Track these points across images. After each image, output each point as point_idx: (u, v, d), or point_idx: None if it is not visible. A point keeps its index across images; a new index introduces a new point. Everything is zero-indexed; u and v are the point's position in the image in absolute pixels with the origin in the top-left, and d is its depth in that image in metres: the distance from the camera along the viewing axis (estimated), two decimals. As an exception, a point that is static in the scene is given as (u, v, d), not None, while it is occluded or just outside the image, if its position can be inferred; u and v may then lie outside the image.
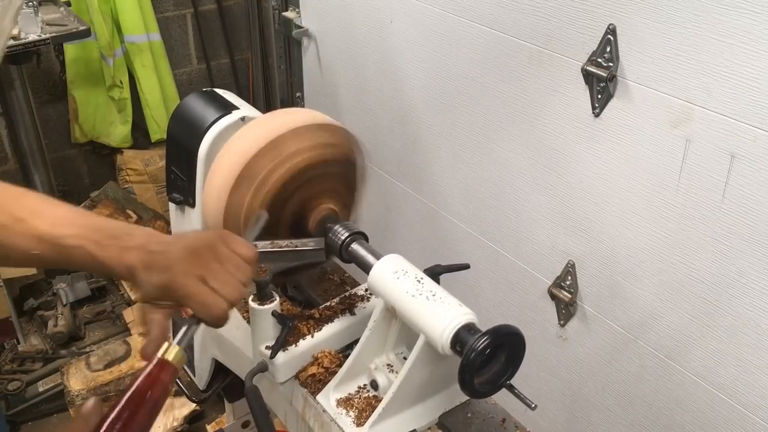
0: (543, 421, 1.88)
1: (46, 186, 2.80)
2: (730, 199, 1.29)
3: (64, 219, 0.92)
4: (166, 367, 0.82)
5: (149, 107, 3.03)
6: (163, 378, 0.81)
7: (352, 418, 1.08)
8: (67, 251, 0.90)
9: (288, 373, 1.16)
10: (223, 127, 1.24)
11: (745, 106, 1.21)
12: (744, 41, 1.18)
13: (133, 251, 0.89)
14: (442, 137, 1.92)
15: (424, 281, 1.03)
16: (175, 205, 1.36)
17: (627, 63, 1.38)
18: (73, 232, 0.90)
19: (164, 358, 0.83)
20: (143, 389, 0.79)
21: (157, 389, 0.80)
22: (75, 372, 2.46)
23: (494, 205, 1.82)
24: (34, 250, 0.90)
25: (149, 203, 3.08)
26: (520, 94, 1.63)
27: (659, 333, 1.50)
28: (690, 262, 1.40)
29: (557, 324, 1.75)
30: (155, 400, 0.79)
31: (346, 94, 2.26)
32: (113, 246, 0.89)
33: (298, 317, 1.21)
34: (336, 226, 1.16)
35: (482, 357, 0.92)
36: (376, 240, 1.16)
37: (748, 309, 1.33)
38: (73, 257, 0.91)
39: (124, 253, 0.89)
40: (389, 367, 1.12)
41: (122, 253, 0.89)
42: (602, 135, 1.47)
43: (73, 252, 0.90)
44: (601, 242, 1.56)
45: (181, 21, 3.13)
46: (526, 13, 1.55)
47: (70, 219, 0.92)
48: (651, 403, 1.58)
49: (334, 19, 2.20)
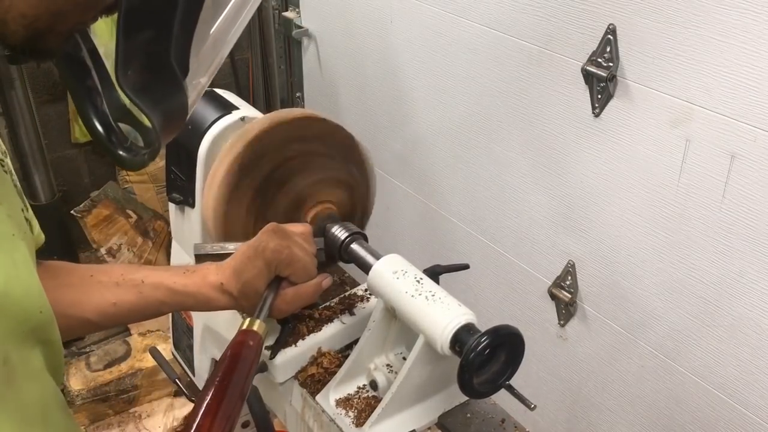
0: (543, 421, 1.88)
1: (46, 186, 2.80)
2: (730, 199, 1.29)
3: (139, 268, 1.00)
4: (250, 334, 0.91)
5: (149, 107, 3.03)
6: (250, 342, 0.90)
7: (352, 419, 1.08)
8: (147, 291, 0.97)
9: (287, 374, 1.16)
10: (223, 127, 1.24)
11: (745, 106, 1.21)
12: (744, 41, 1.18)
13: (211, 273, 1.00)
14: (442, 137, 1.92)
15: (424, 281, 1.03)
16: (175, 205, 1.36)
17: (627, 63, 1.38)
18: (149, 273, 0.99)
19: (248, 329, 0.91)
20: (236, 354, 0.87)
21: (247, 352, 0.88)
22: (75, 372, 2.46)
23: (494, 205, 1.82)
24: (111, 300, 0.97)
25: (149, 203, 3.08)
26: (520, 94, 1.63)
27: (659, 333, 1.50)
28: (690, 262, 1.39)
29: (557, 324, 1.75)
30: (250, 362, 0.87)
31: (346, 94, 2.26)
32: (190, 275, 1.00)
33: (297, 317, 1.21)
34: (335, 226, 1.16)
35: (481, 357, 0.92)
36: (375, 240, 1.16)
37: (748, 309, 1.33)
38: (153, 298, 0.98)
39: (206, 277, 1.00)
40: (389, 367, 1.12)
41: (205, 278, 1.00)
42: (602, 135, 1.47)
43: (152, 292, 0.98)
44: (601, 242, 1.56)
45: (181, 21, 3.12)
46: (526, 13, 1.54)
47: (145, 267, 1.01)
48: (651, 403, 1.58)
49: (334, 19, 2.20)
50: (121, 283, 0.97)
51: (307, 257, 1.04)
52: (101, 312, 0.96)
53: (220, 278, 1.00)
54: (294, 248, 1.02)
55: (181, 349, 1.49)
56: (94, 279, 0.97)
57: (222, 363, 0.86)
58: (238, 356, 0.87)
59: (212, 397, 0.80)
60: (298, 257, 1.02)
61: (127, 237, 2.87)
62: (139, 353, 2.53)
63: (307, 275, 1.04)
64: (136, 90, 0.66)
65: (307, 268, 1.04)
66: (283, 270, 1.02)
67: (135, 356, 2.53)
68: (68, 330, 0.92)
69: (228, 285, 1.00)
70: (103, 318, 0.97)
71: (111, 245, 2.83)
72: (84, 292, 0.95)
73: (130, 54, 0.65)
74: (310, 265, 1.04)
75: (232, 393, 0.82)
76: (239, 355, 0.87)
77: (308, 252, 1.05)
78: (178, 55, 0.69)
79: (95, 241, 2.81)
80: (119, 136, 0.72)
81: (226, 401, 0.80)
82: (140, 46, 0.65)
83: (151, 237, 2.94)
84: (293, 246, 1.02)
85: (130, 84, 0.66)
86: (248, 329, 0.91)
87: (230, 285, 1.00)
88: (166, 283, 0.98)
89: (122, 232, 2.87)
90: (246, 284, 1.00)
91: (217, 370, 0.85)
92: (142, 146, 0.75)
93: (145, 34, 0.65)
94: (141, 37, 0.65)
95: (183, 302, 1.01)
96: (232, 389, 0.82)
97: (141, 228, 2.93)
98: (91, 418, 2.44)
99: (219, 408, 0.80)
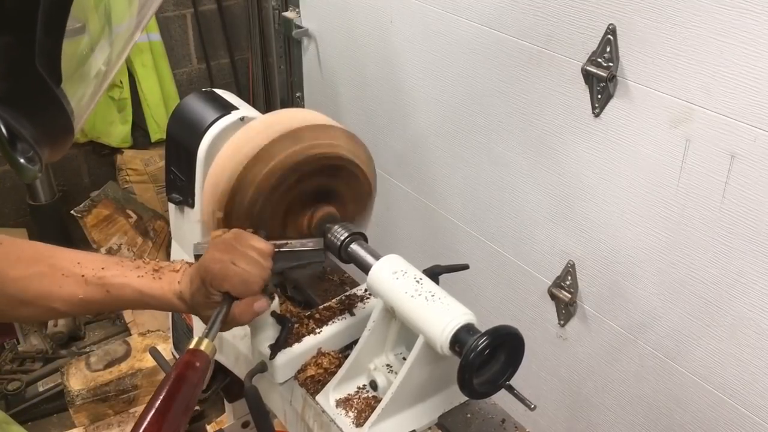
0: (543, 421, 1.88)
1: (46, 186, 2.80)
2: (730, 199, 1.29)
3: (105, 262, 1.00)
4: (197, 354, 0.89)
5: (149, 107, 3.03)
6: (197, 364, 0.88)
7: (352, 419, 1.08)
8: (114, 290, 0.98)
9: (287, 374, 1.16)
10: (222, 127, 1.24)
11: (745, 106, 1.21)
12: (744, 41, 1.18)
13: (175, 279, 0.99)
14: (442, 137, 1.92)
15: (424, 281, 1.03)
16: (174, 205, 1.36)
17: (627, 63, 1.38)
18: (118, 272, 0.98)
19: (195, 348, 0.89)
20: (180, 376, 0.86)
21: (192, 374, 0.86)
22: (75, 372, 2.46)
23: (494, 205, 1.82)
24: (80, 295, 0.97)
25: (149, 203, 3.08)
26: (520, 94, 1.63)
27: (659, 333, 1.50)
28: (690, 262, 1.39)
29: (557, 324, 1.75)
30: (194, 384, 0.86)
31: (346, 94, 2.26)
32: (158, 280, 1.00)
33: (297, 317, 1.21)
34: (335, 226, 1.16)
35: (481, 357, 0.92)
36: (375, 240, 1.16)
37: (748, 309, 1.33)
38: (120, 297, 0.98)
39: (171, 283, 0.99)
40: (388, 367, 1.12)
41: (170, 284, 0.99)
42: (602, 135, 1.47)
43: (120, 291, 0.98)
44: (601, 242, 1.56)
45: (181, 21, 3.12)
46: (526, 13, 1.54)
47: (112, 262, 1.00)
48: (651, 403, 1.58)
49: (334, 19, 2.20)
50: (89, 280, 0.97)
51: (251, 271, 0.98)
52: (68, 303, 0.97)
53: (180, 287, 1.00)
54: (236, 261, 0.97)
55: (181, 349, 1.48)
56: (62, 270, 0.97)
57: (165, 384, 0.84)
58: (183, 378, 0.85)
59: (152, 420, 0.79)
60: (234, 272, 0.96)
61: (127, 237, 2.87)
62: (139, 353, 2.53)
63: (246, 290, 0.98)
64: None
65: (247, 283, 0.97)
66: (219, 284, 0.97)
67: (135, 356, 2.52)
68: (35, 317, 0.95)
69: (184, 294, 1.00)
70: (70, 308, 0.98)
71: (111, 245, 2.83)
72: (53, 283, 0.96)
73: None
74: (251, 280, 0.98)
75: (174, 417, 0.81)
76: (184, 377, 0.85)
77: (256, 266, 0.98)
78: (46, 61, 0.64)
79: (95, 241, 2.81)
80: (24, 146, 0.68)
81: (166, 426, 0.79)
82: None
83: (151, 237, 2.94)
84: (236, 259, 0.97)
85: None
86: (195, 349, 0.89)
87: (186, 294, 1.00)
88: (134, 285, 0.99)
89: (122, 232, 2.87)
90: (192, 296, 0.99)
91: (160, 391, 0.82)
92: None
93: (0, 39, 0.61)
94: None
95: (149, 303, 1.01)
96: (173, 413, 0.81)
97: (141, 228, 2.93)
98: (91, 418, 2.44)
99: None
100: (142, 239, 2.90)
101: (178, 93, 3.10)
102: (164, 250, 2.95)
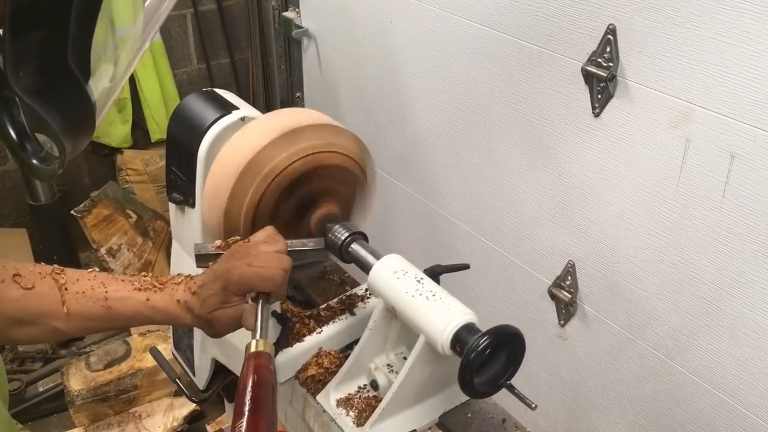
0: (543, 421, 1.88)
1: (46, 186, 2.80)
2: (730, 199, 1.29)
3: (106, 279, 0.99)
4: (261, 356, 0.90)
5: (149, 107, 3.03)
6: (263, 363, 0.88)
7: (352, 418, 1.08)
8: (116, 305, 0.97)
9: (288, 374, 1.17)
10: (223, 127, 1.24)
11: (745, 106, 1.21)
12: (744, 41, 1.18)
13: (179, 290, 1.00)
14: (442, 137, 1.92)
15: (424, 281, 1.03)
16: (175, 205, 1.36)
17: (627, 63, 1.38)
18: (118, 287, 0.98)
19: (255, 352, 0.90)
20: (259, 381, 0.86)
21: (267, 375, 0.87)
22: (75, 372, 2.46)
23: (494, 205, 1.82)
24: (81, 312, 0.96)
25: (149, 203, 3.08)
26: (520, 94, 1.63)
27: (659, 333, 1.50)
28: (690, 262, 1.39)
29: (557, 324, 1.75)
30: (271, 384, 0.86)
31: (346, 94, 2.26)
32: (159, 291, 1.00)
33: (297, 317, 1.21)
34: (336, 226, 1.16)
35: (482, 357, 0.92)
36: (376, 240, 1.16)
37: (748, 309, 1.33)
38: (122, 311, 0.98)
39: (173, 295, 0.99)
40: (389, 367, 1.12)
41: (172, 296, 0.99)
42: (602, 135, 1.47)
43: (121, 306, 0.97)
44: (601, 242, 1.56)
45: (181, 21, 3.13)
46: (526, 13, 1.55)
47: (112, 279, 1.00)
48: (651, 403, 1.58)
49: (334, 19, 2.20)
50: (90, 297, 0.96)
51: (268, 266, 0.99)
52: (70, 322, 0.96)
53: (185, 297, 0.99)
54: (252, 263, 0.98)
55: (182, 349, 1.49)
56: (63, 290, 0.96)
57: (246, 390, 0.84)
58: (262, 382, 0.86)
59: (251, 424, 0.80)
60: (253, 272, 0.98)
61: (127, 237, 2.87)
62: (139, 353, 2.53)
63: (270, 284, 0.99)
64: (29, 92, 0.64)
65: (267, 278, 0.99)
66: (244, 289, 0.99)
67: (135, 356, 2.52)
68: (36, 337, 0.94)
69: (191, 302, 0.99)
70: (72, 328, 0.97)
71: (111, 245, 2.83)
72: (54, 303, 0.95)
73: (20, 55, 0.63)
74: (269, 274, 0.99)
75: (268, 420, 0.82)
76: (262, 380, 0.86)
77: (271, 260, 1.00)
78: (77, 56, 0.66)
79: (95, 241, 2.81)
80: (34, 146, 0.70)
81: (265, 426, 0.80)
82: (31, 46, 0.63)
83: (151, 237, 2.94)
84: (251, 261, 0.99)
85: (22, 86, 0.64)
86: (261, 351, 0.90)
87: (193, 303, 0.99)
88: (135, 297, 0.98)
89: (122, 232, 2.87)
90: (203, 302, 0.98)
91: (243, 399, 0.83)
92: (56, 156, 0.73)
93: (36, 34, 0.62)
94: (32, 37, 0.62)
95: (152, 317, 1.00)
96: (266, 417, 0.82)
97: (141, 228, 2.93)
98: (91, 418, 2.44)
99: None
100: (142, 239, 2.90)
101: (178, 93, 3.10)
102: (164, 250, 2.95)
